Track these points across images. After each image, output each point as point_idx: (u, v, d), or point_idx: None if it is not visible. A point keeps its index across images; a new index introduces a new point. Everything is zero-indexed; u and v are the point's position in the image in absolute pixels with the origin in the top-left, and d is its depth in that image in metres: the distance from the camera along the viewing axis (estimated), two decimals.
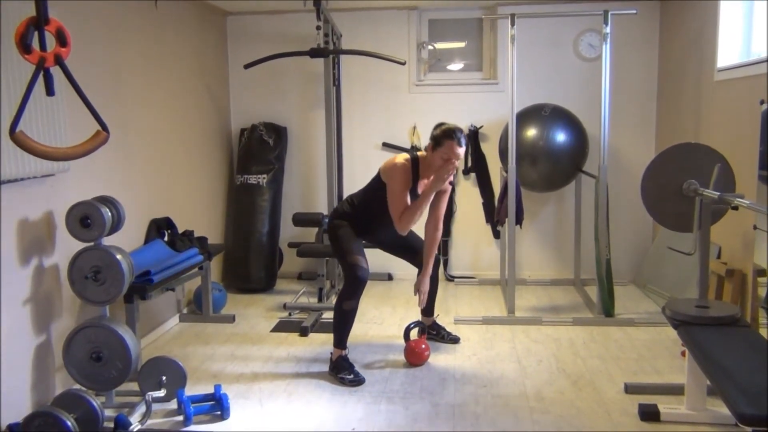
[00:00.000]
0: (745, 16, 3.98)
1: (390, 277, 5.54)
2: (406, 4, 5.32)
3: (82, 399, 2.79)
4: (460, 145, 3.32)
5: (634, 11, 4.37)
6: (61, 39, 2.05)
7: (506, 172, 4.47)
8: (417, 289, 3.70)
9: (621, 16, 4.51)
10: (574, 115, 4.87)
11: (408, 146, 5.46)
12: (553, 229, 5.48)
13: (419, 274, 3.73)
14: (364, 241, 3.67)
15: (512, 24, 4.25)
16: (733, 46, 4.02)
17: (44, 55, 2.01)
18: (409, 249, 3.81)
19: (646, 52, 5.23)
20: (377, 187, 3.50)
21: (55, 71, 2.08)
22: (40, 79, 2.05)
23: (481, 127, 5.37)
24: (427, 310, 4.00)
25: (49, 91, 2.06)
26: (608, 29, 4.18)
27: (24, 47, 1.98)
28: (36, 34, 2.00)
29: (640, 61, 5.24)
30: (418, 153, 3.51)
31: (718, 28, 4.04)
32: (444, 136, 3.33)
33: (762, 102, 3.30)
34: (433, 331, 4.00)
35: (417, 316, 4.10)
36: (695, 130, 4.43)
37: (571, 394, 3.23)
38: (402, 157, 3.44)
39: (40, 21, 1.99)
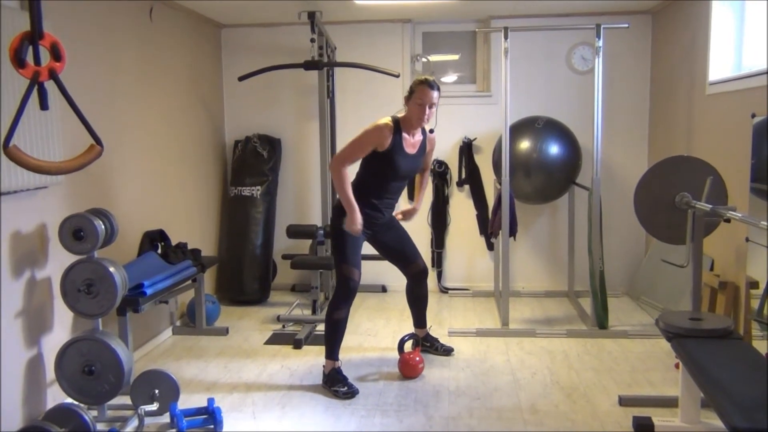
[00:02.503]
0: (737, 29, 4.02)
1: (384, 289, 5.54)
2: (400, 17, 5.34)
3: (74, 413, 2.77)
4: (432, 88, 3.39)
5: (626, 25, 4.40)
6: (56, 53, 2.05)
7: (500, 184, 4.49)
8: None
9: (613, 29, 4.55)
10: (568, 127, 4.90)
11: None
12: (547, 241, 5.49)
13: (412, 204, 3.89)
14: (365, 240, 3.66)
15: (505, 37, 4.28)
16: (724, 59, 4.05)
17: (38, 70, 2.01)
18: (404, 257, 3.81)
19: (638, 65, 5.27)
20: (367, 159, 3.50)
21: (50, 85, 2.08)
22: (35, 93, 2.04)
23: (474, 139, 5.39)
24: (419, 322, 3.99)
25: (43, 105, 2.06)
26: (601, 43, 4.21)
27: (18, 62, 1.98)
28: (30, 48, 2.00)
29: (633, 75, 5.28)
30: (399, 114, 3.53)
31: (710, 42, 4.07)
32: (416, 83, 3.42)
33: (753, 115, 3.32)
34: (426, 343, 3.99)
35: (411, 328, 4.09)
36: (687, 142, 4.46)
37: (565, 406, 3.23)
38: (384, 119, 3.46)
39: (34, 35, 1.99)
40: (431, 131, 3.65)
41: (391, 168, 3.47)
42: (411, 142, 3.52)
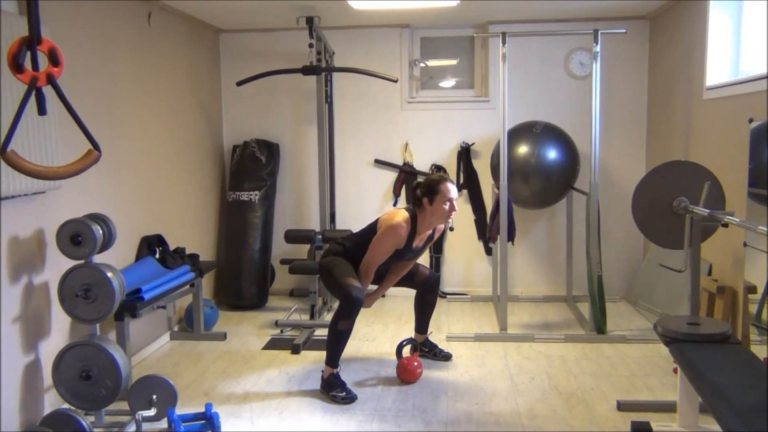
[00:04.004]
0: (734, 35, 4.03)
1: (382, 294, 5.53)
2: (398, 22, 5.35)
3: (72, 419, 2.77)
4: (452, 184, 3.48)
5: (624, 30, 4.42)
6: (54, 59, 2.05)
7: (498, 188, 4.49)
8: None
9: (611, 35, 4.56)
10: (565, 132, 4.90)
11: (400, 163, 5.47)
12: (545, 246, 5.49)
13: (378, 291, 3.81)
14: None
15: (503, 42, 4.29)
16: (721, 64, 4.06)
17: (36, 75, 2.01)
18: (407, 275, 3.84)
19: (636, 70, 5.28)
20: (369, 241, 3.55)
21: (48, 90, 2.08)
22: (32, 99, 2.04)
23: (472, 144, 5.40)
24: (421, 327, 4.00)
25: (41, 110, 2.05)
26: (598, 48, 4.22)
27: (16, 67, 1.97)
28: (28, 53, 2.00)
29: (630, 79, 5.29)
30: (416, 209, 3.54)
31: (707, 47, 4.09)
32: (436, 183, 3.44)
33: (751, 120, 3.33)
34: (425, 348, 3.99)
35: (409, 333, 4.09)
36: (685, 147, 4.47)
37: (563, 411, 3.22)
38: (403, 217, 3.47)
39: (32, 41, 1.99)
40: (451, 228, 3.72)
41: (392, 258, 3.56)
42: (420, 237, 3.58)
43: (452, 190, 3.44)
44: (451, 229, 3.66)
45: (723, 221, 2.88)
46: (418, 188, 3.51)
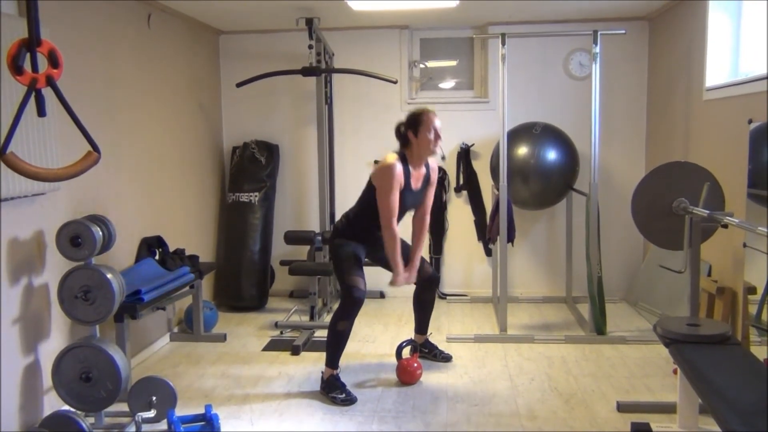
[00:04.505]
0: (733, 35, 4.04)
1: (382, 295, 5.53)
2: (398, 24, 5.36)
3: (71, 420, 2.77)
4: (435, 114, 3.46)
5: (623, 31, 4.42)
6: (53, 60, 2.05)
7: (497, 189, 4.49)
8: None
9: (610, 35, 4.56)
10: (565, 133, 4.90)
11: None
12: (545, 247, 5.49)
13: (400, 271, 3.59)
14: (367, 259, 3.67)
15: (503, 43, 4.29)
16: (721, 65, 4.06)
17: (36, 77, 2.01)
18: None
19: (635, 71, 5.28)
20: (372, 195, 3.50)
21: (47, 92, 2.08)
22: (32, 100, 2.04)
23: (472, 145, 5.40)
24: (421, 328, 4.00)
25: (41, 112, 2.06)
26: (598, 49, 4.23)
27: (16, 68, 1.98)
28: (28, 55, 2.00)
29: (630, 80, 5.29)
30: (403, 149, 3.53)
31: (706, 48, 4.09)
32: (418, 114, 3.45)
33: (750, 121, 3.33)
34: (425, 350, 3.99)
35: (409, 334, 4.09)
36: (685, 148, 4.47)
37: (563, 412, 3.22)
38: (392, 157, 3.45)
39: (32, 42, 1.99)
40: (443, 158, 3.66)
41: (402, 208, 3.50)
42: (416, 176, 3.54)
43: (435, 119, 3.44)
44: (443, 158, 3.65)
45: (722, 222, 2.89)
46: (401, 125, 3.51)
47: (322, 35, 4.95)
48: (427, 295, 3.93)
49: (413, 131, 3.44)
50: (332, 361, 3.50)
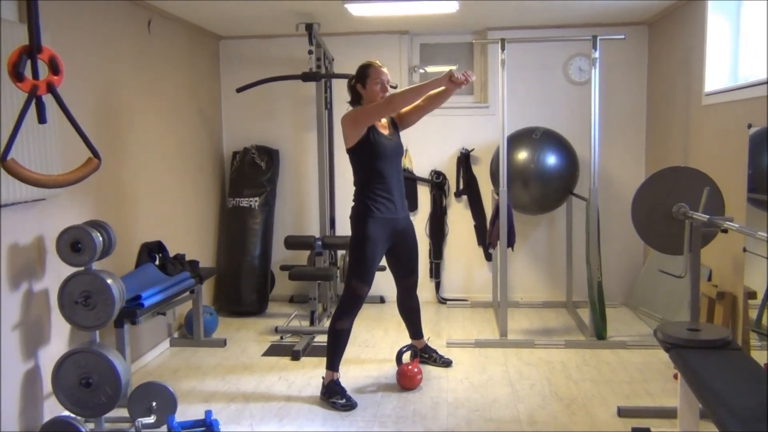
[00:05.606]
0: (733, 40, 4.04)
1: (382, 300, 5.53)
2: (398, 29, 5.37)
3: (71, 426, 2.76)
4: (382, 66, 3.55)
5: (623, 36, 4.42)
6: (54, 67, 2.06)
7: (497, 194, 4.49)
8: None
9: (610, 40, 4.57)
10: (565, 138, 4.91)
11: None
12: (545, 252, 5.49)
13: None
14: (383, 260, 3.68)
15: (502, 49, 4.30)
16: (720, 70, 4.07)
17: (36, 84, 2.02)
18: (409, 268, 3.80)
19: (635, 76, 5.29)
20: (356, 158, 3.61)
21: (48, 98, 2.09)
22: (33, 107, 2.05)
23: (472, 150, 5.40)
24: (415, 333, 3.98)
25: (41, 118, 2.06)
26: (597, 54, 4.24)
27: (16, 75, 1.98)
28: (29, 62, 2.01)
29: (629, 85, 5.30)
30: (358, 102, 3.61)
31: (706, 53, 4.10)
32: (365, 67, 3.55)
33: (749, 126, 3.34)
34: (425, 355, 3.99)
35: (409, 339, 4.08)
36: (684, 153, 4.47)
37: (564, 417, 3.22)
38: (349, 110, 3.57)
39: (32, 49, 2.00)
40: (394, 86, 3.71)
41: (378, 149, 3.52)
42: (381, 124, 3.60)
43: (383, 71, 3.53)
44: (394, 86, 3.69)
45: (722, 227, 2.89)
46: (351, 78, 3.61)
47: (322, 40, 4.96)
48: (408, 302, 3.91)
49: (362, 84, 3.55)
50: (332, 364, 3.49)
